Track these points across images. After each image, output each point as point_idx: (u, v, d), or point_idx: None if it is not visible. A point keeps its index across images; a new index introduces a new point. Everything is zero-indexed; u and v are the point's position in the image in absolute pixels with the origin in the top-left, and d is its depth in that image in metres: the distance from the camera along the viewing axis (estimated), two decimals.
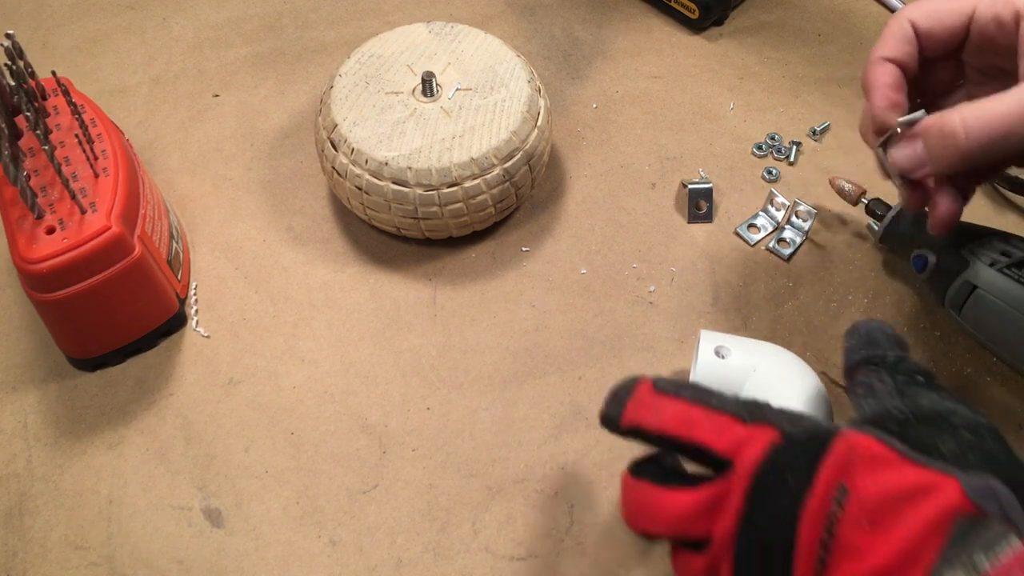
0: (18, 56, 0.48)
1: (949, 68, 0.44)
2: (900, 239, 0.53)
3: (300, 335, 0.53)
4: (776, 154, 0.61)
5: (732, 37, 0.69)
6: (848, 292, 0.55)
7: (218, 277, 0.56)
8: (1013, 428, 0.50)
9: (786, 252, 0.56)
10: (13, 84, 0.48)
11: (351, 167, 0.52)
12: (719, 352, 0.46)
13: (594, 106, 0.64)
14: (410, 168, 0.51)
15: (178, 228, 0.56)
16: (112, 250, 0.46)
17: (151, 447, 0.49)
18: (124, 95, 0.65)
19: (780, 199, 0.57)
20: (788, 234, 0.57)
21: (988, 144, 0.37)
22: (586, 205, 0.59)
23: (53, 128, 0.51)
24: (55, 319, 0.49)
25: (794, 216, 0.57)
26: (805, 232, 0.57)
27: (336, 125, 0.53)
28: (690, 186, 0.58)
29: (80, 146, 0.49)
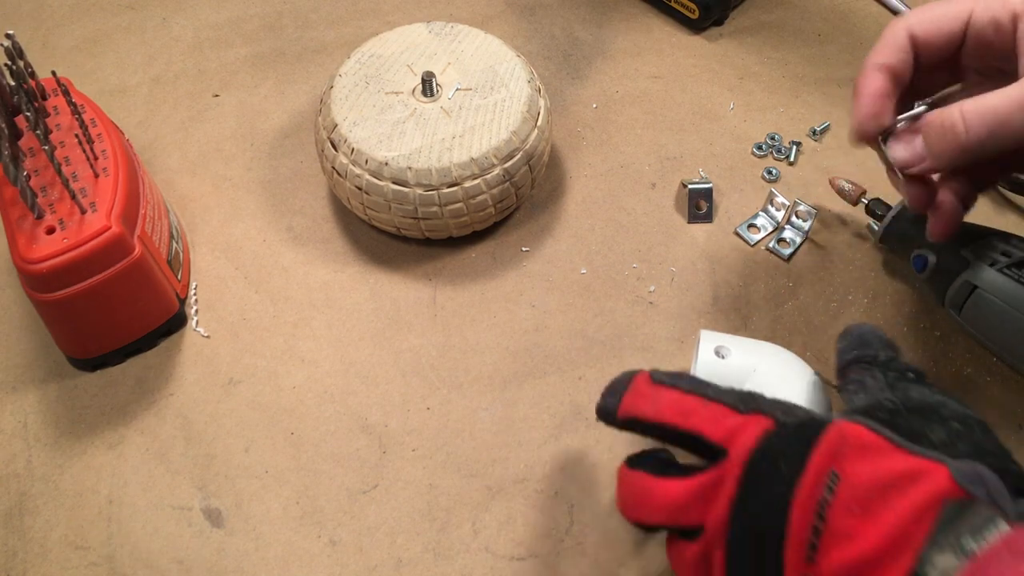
0: (18, 56, 0.48)
1: (947, 71, 0.44)
2: (900, 239, 0.53)
3: (300, 335, 0.53)
4: (776, 154, 0.61)
5: (732, 37, 0.69)
6: (848, 292, 0.55)
7: (218, 277, 0.56)
8: (1013, 428, 0.50)
9: (786, 252, 0.56)
10: (13, 84, 0.48)
11: (351, 167, 0.52)
12: (719, 352, 0.46)
13: (594, 106, 0.64)
14: (410, 168, 0.51)
15: (178, 228, 0.56)
16: (112, 250, 0.47)
17: (151, 447, 0.49)
18: (124, 95, 0.65)
19: (780, 199, 0.57)
20: (788, 234, 0.57)
21: (987, 137, 0.38)
22: (586, 205, 0.59)
23: (53, 128, 0.51)
24: (55, 319, 0.49)
25: (794, 216, 0.57)
26: (805, 232, 0.57)
27: (336, 125, 0.53)
28: (690, 186, 0.58)
29: (80, 146, 0.49)
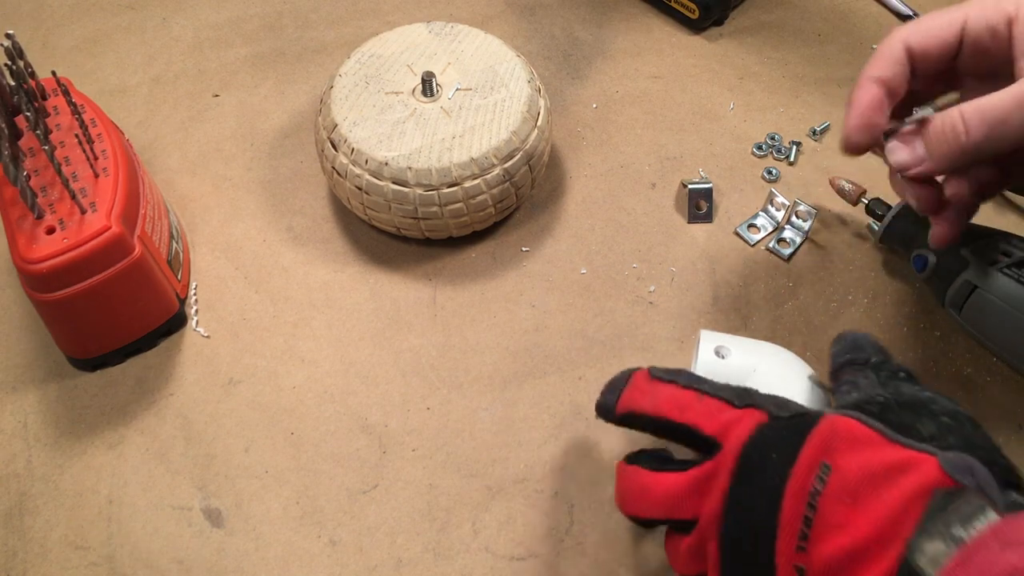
0: (18, 56, 0.48)
1: (944, 80, 0.45)
2: (900, 239, 0.53)
3: (300, 335, 0.53)
4: (776, 154, 0.61)
5: (732, 37, 0.69)
6: (848, 292, 0.55)
7: (218, 277, 0.56)
8: (1013, 428, 0.50)
9: (786, 252, 0.56)
10: (13, 84, 0.48)
11: (351, 167, 0.52)
12: (719, 352, 0.46)
13: (594, 106, 0.64)
14: (410, 168, 0.51)
15: (178, 228, 0.56)
16: (112, 250, 0.47)
17: (151, 447, 0.49)
18: (124, 95, 0.65)
19: (780, 199, 0.57)
20: (788, 234, 0.57)
21: (987, 137, 0.38)
22: (586, 205, 0.59)
23: (53, 128, 0.51)
24: (55, 319, 0.49)
25: (794, 216, 0.57)
26: (805, 232, 0.57)
27: (336, 125, 0.53)
28: (690, 186, 0.58)
29: (80, 146, 0.49)
